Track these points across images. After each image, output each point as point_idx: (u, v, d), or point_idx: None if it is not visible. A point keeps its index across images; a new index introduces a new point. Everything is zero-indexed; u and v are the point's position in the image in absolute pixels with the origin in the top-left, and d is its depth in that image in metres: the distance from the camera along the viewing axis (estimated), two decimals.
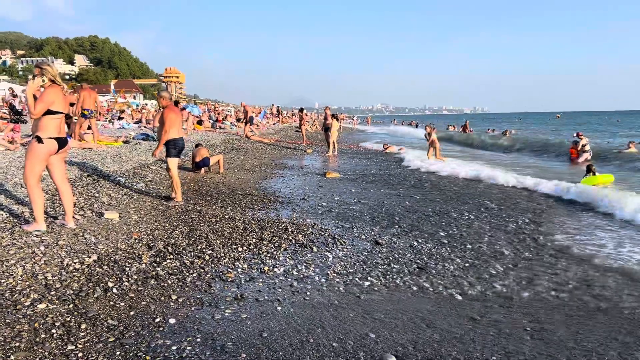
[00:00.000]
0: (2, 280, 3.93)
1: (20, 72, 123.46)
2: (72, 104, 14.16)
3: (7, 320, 3.31)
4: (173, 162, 7.41)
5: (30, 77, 5.48)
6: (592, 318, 3.94)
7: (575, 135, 21.47)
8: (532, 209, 8.37)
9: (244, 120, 23.39)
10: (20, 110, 19.47)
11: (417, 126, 63.43)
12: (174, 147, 7.40)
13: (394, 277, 4.74)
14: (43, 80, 5.08)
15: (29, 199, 5.65)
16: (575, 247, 5.95)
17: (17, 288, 3.83)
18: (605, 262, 5.39)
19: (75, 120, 12.75)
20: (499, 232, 6.66)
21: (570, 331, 3.68)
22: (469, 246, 5.89)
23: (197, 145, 11.59)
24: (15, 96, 20.27)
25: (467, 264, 5.20)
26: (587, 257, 5.57)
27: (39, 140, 5.02)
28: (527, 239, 6.31)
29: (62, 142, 5.24)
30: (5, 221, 5.39)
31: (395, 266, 5.06)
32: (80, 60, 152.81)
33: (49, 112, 5.03)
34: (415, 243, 5.94)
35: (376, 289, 4.43)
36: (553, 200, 9.26)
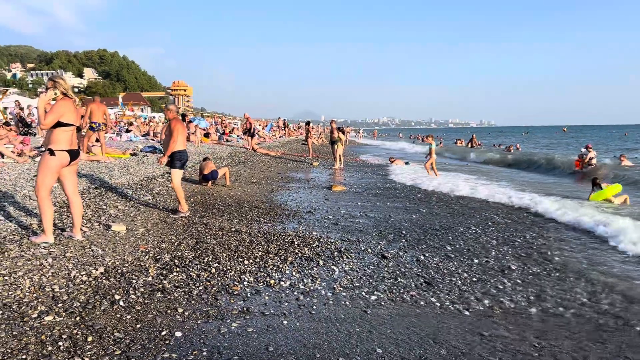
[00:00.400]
0: (10, 292, 3.95)
1: (30, 85, 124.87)
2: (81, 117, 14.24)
3: (14, 332, 3.32)
4: (176, 174, 7.48)
5: (42, 89, 5.55)
6: (600, 335, 3.90)
7: (584, 147, 21.02)
8: (539, 224, 8.33)
9: (248, 133, 23.50)
10: (29, 123, 19.67)
11: (422, 140, 63.48)
12: (179, 159, 7.49)
13: (401, 291, 4.72)
14: (55, 93, 5.16)
15: (37, 211, 5.70)
16: (582, 263, 5.90)
17: (24, 300, 3.85)
18: (612, 279, 5.34)
19: (84, 133, 12.87)
20: (505, 246, 6.63)
21: (578, 347, 3.64)
22: (476, 260, 5.86)
23: (204, 159, 11.64)
24: (21, 109, 20.49)
25: (474, 279, 5.17)
26: (595, 273, 5.52)
27: (51, 152, 5.08)
28: (534, 254, 6.26)
29: (74, 154, 5.30)
30: (14, 233, 5.43)
31: (402, 280, 5.04)
32: (89, 73, 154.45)
33: (60, 124, 5.09)
34: (422, 257, 5.92)
35: (383, 303, 4.40)
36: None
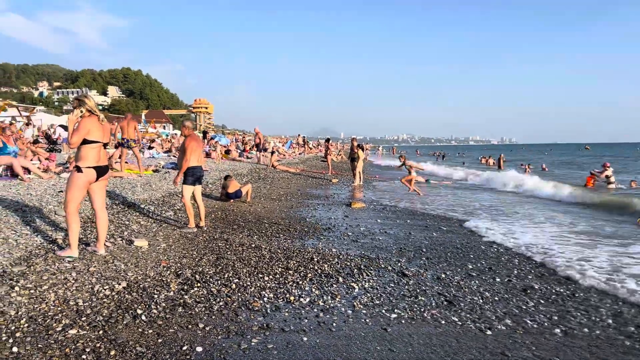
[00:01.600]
0: (36, 305, 4.02)
1: (56, 103, 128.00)
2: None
3: (39, 345, 3.38)
4: (187, 190, 7.55)
5: (68, 107, 5.70)
6: (625, 357, 3.80)
7: (602, 166, 20.12)
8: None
9: (257, 148, 23.57)
10: (55, 139, 20.13)
11: (443, 157, 63.15)
12: (192, 175, 7.56)
13: (421, 309, 4.67)
14: (81, 111, 5.30)
15: (62, 226, 5.82)
16: (608, 284, 5.78)
17: (49, 313, 3.92)
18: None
19: (110, 150, 13.14)
20: (528, 265, 6.53)
21: None
22: (498, 279, 5.78)
23: (226, 177, 11.70)
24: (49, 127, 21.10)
25: (496, 298, 5.09)
26: (621, 294, 5.39)
27: (79, 169, 5.22)
28: (558, 274, 6.16)
29: (101, 170, 5.43)
30: (40, 247, 5.55)
31: (423, 298, 4.99)
32: (113, 91, 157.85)
33: (86, 141, 5.23)
34: (443, 275, 5.86)
35: (403, 321, 4.37)
36: (586, 236, 8.97)
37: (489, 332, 4.16)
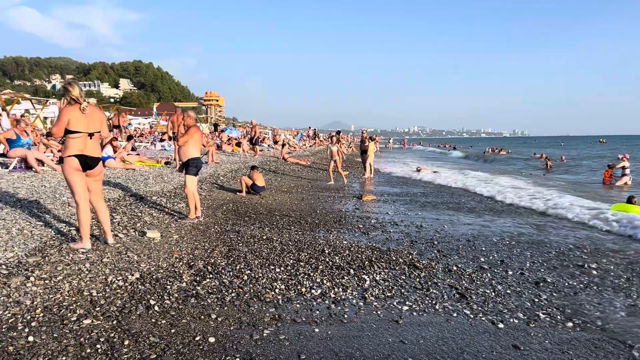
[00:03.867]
0: (51, 296, 4.07)
1: None
2: (116, 126, 14.69)
3: (54, 335, 3.42)
4: (191, 180, 7.55)
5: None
6: None
7: (620, 157, 19.70)
8: (574, 235, 8.12)
9: (251, 142, 22.64)
10: None
11: (454, 149, 62.80)
12: (195, 166, 7.58)
13: (433, 302, 4.66)
14: (66, 100, 5.11)
15: (75, 217, 5.85)
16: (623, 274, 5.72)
17: (64, 303, 3.96)
18: None
19: (121, 141, 13.21)
20: (540, 257, 6.48)
21: None
22: (510, 272, 5.75)
23: (253, 167, 11.58)
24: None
25: (508, 291, 5.07)
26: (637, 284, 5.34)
27: (61, 160, 5.17)
28: (570, 266, 6.11)
29: (87, 160, 5.20)
30: (54, 238, 5.60)
31: (434, 291, 4.98)
32: (125, 84, 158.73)
33: (69, 131, 5.09)
34: (455, 268, 5.84)
35: (415, 314, 4.36)
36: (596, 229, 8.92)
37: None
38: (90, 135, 5.21)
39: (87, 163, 5.23)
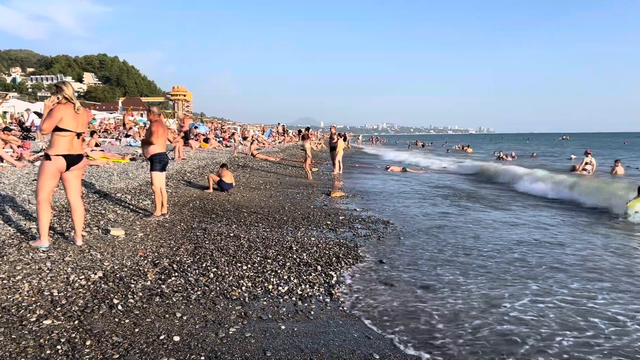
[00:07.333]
0: (9, 296, 3.96)
1: (30, 89, 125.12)
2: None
3: (12, 336, 3.33)
4: (157, 176, 7.45)
5: (42, 94, 5.57)
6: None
7: (584, 153, 21.75)
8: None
9: (184, 136, 21.43)
10: (29, 127, 19.69)
11: (423, 146, 63.61)
12: (159, 162, 7.47)
13: (398, 296, 4.73)
14: (58, 98, 5.19)
15: (36, 215, 5.70)
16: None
17: (23, 304, 3.86)
18: None
19: (88, 139, 12.89)
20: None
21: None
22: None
23: (222, 165, 11.48)
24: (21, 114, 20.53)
25: (469, 280, 5.18)
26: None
27: (47, 157, 5.12)
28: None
29: (73, 159, 5.29)
30: (13, 237, 5.45)
31: (400, 285, 5.05)
32: (89, 78, 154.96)
33: (58, 129, 5.11)
34: (420, 261, 5.94)
35: (381, 308, 4.42)
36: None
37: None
38: (78, 135, 5.33)
39: (73, 162, 5.32)
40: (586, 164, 19.51)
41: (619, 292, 5.00)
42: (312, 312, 4.24)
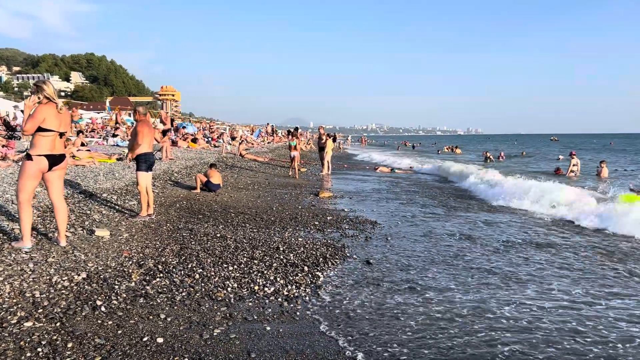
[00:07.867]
0: None
1: (16, 89, 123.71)
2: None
3: None
4: (143, 176, 7.38)
5: (28, 93, 5.53)
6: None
7: (569, 155, 22.29)
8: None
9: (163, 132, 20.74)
10: (14, 126, 19.46)
11: (413, 147, 63.86)
12: (145, 162, 7.41)
13: (385, 296, 4.73)
14: (39, 98, 5.11)
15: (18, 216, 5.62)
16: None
17: (4, 306, 3.80)
18: None
19: (72, 138, 12.76)
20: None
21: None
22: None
23: (211, 166, 11.45)
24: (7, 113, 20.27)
25: (459, 280, 5.19)
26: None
27: (29, 157, 5.05)
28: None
29: (55, 160, 5.22)
30: None
31: (386, 285, 5.05)
32: (76, 77, 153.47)
33: (41, 129, 5.05)
34: (406, 262, 5.94)
35: (366, 308, 4.41)
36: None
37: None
38: (61, 135, 5.27)
39: (55, 162, 5.26)
40: (573, 165, 19.78)
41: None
42: (298, 313, 4.22)
